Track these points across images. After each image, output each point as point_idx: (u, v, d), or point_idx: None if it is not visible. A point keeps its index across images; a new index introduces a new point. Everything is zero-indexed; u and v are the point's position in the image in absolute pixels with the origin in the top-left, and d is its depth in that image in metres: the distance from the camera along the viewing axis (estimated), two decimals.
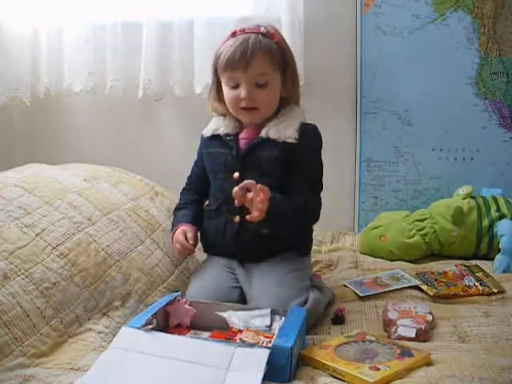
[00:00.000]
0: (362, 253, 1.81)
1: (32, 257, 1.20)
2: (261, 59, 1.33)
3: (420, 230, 1.78)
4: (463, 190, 1.85)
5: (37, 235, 1.26)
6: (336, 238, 1.92)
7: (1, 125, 2.14)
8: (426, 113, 2.02)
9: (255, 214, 1.22)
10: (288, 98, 1.42)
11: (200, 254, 1.64)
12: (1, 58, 1.93)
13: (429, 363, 1.05)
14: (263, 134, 1.36)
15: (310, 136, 1.38)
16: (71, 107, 2.15)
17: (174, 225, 1.47)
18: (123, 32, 1.99)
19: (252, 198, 1.23)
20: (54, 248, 1.26)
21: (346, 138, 2.06)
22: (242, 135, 1.41)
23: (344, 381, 1.01)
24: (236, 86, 1.36)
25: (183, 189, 1.55)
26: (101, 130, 2.16)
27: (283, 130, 1.35)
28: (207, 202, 1.47)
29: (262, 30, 1.36)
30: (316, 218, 1.39)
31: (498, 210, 1.78)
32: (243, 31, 1.35)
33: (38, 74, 2.02)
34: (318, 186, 1.39)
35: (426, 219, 1.80)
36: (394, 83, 2.01)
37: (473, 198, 1.83)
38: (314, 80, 1.99)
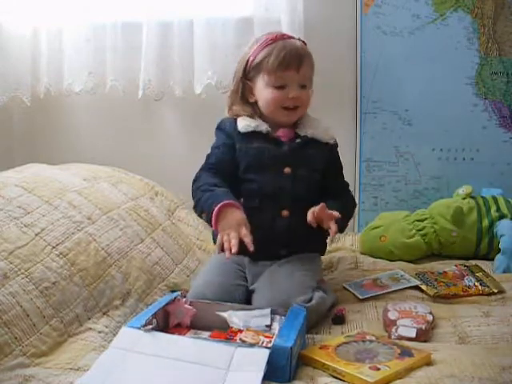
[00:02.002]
0: (362, 253, 1.81)
1: (32, 256, 1.20)
2: (308, 62, 1.43)
3: (420, 230, 1.78)
4: (463, 190, 1.85)
5: (36, 235, 1.26)
6: (336, 238, 1.92)
7: (1, 125, 2.14)
8: (426, 113, 2.02)
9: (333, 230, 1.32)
10: None
11: (200, 253, 1.64)
12: (1, 58, 1.93)
13: (429, 363, 1.05)
14: (305, 133, 1.44)
15: (336, 140, 1.51)
16: (71, 107, 2.15)
17: (219, 198, 1.28)
18: (123, 32, 1.99)
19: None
20: (53, 247, 1.26)
21: (346, 138, 2.05)
22: (279, 133, 1.45)
23: (344, 381, 1.01)
24: (282, 87, 1.40)
25: (206, 169, 1.42)
26: (101, 130, 2.16)
27: (326, 132, 1.47)
28: (242, 200, 1.39)
29: (298, 38, 1.47)
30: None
31: (498, 209, 1.77)
32: (282, 36, 1.43)
33: (38, 74, 2.02)
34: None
35: (426, 219, 1.80)
36: (394, 83, 2.01)
37: (473, 198, 1.83)
38: (314, 80, 1.98)
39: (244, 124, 1.44)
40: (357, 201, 2.07)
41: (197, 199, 1.37)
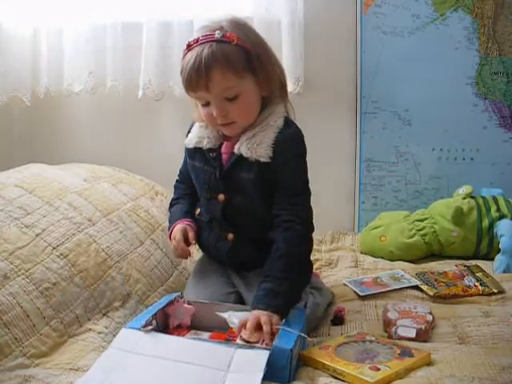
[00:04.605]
0: (362, 253, 1.81)
1: (32, 257, 1.20)
2: (219, 74, 1.19)
3: (420, 230, 1.78)
4: (463, 190, 1.85)
5: (37, 235, 1.26)
6: (336, 237, 1.92)
7: (1, 125, 2.14)
8: (426, 113, 2.01)
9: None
10: (270, 96, 1.29)
11: (198, 254, 1.64)
12: (1, 58, 1.93)
13: (429, 363, 1.06)
14: (236, 149, 1.26)
15: (287, 148, 1.25)
16: (71, 107, 2.15)
17: (172, 221, 1.39)
18: (123, 32, 1.99)
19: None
20: (54, 248, 1.26)
21: (346, 137, 2.05)
22: (223, 149, 1.30)
23: (344, 381, 1.01)
24: (207, 104, 1.24)
25: (176, 181, 1.50)
26: (101, 130, 2.16)
27: (255, 148, 1.23)
28: (198, 211, 1.39)
29: (217, 35, 1.20)
30: (311, 230, 1.27)
31: (498, 210, 1.77)
32: (197, 42, 1.22)
33: (38, 74, 2.01)
34: (306, 198, 1.27)
35: (426, 219, 1.80)
36: (394, 83, 2.01)
37: (473, 198, 1.83)
38: (314, 80, 1.99)
39: (189, 137, 1.35)
40: (357, 201, 2.07)
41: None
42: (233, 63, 1.20)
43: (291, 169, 1.26)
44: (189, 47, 1.24)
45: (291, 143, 1.26)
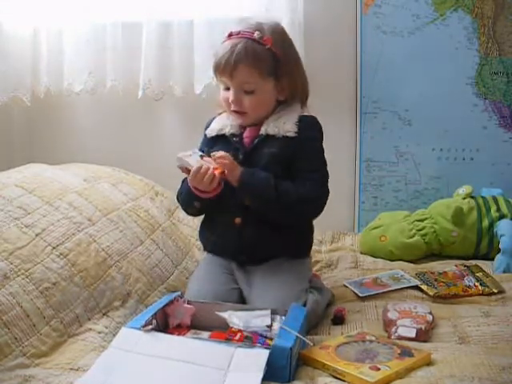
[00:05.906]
0: (362, 253, 1.81)
1: (32, 257, 1.20)
2: (245, 69, 1.33)
3: (420, 230, 1.78)
4: (463, 190, 1.85)
5: (37, 235, 1.26)
6: (336, 238, 1.92)
7: (1, 125, 2.14)
8: (426, 113, 2.01)
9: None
10: (287, 101, 1.41)
11: (198, 254, 1.64)
12: (1, 58, 1.93)
13: (429, 363, 1.05)
14: (263, 131, 1.37)
15: (310, 128, 1.39)
16: (71, 107, 2.15)
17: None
18: (123, 32, 1.99)
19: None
20: (53, 248, 1.26)
21: (346, 137, 2.05)
22: (245, 134, 1.40)
23: (344, 381, 1.01)
24: (227, 88, 1.37)
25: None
26: (101, 129, 2.16)
27: (282, 125, 1.36)
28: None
29: (256, 35, 1.33)
30: (317, 207, 1.36)
31: (498, 210, 1.78)
32: (238, 34, 1.35)
33: (38, 74, 2.02)
34: (322, 176, 1.38)
35: (426, 219, 1.80)
36: (394, 83, 2.01)
37: (473, 198, 1.83)
38: (314, 80, 1.98)
39: (211, 128, 1.44)
40: (357, 201, 2.07)
41: (180, 199, 1.45)
42: (260, 64, 1.34)
43: (313, 149, 1.38)
44: (229, 36, 1.36)
45: (312, 125, 1.40)
